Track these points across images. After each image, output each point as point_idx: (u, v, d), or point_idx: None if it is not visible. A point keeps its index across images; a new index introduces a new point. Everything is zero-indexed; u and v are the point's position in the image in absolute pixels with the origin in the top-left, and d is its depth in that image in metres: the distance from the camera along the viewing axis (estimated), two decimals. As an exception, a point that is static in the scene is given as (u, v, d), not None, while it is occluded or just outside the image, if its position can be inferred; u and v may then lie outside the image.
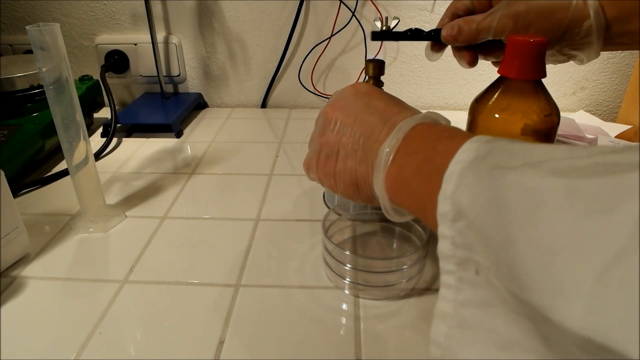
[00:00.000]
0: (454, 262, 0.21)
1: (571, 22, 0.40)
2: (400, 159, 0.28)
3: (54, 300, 0.39)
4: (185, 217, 0.51)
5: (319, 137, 0.35)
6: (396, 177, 0.28)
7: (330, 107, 0.35)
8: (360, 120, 0.32)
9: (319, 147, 0.35)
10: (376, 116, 0.32)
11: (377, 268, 0.38)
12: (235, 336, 0.35)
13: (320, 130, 0.35)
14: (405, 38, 0.47)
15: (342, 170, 0.33)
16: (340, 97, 0.35)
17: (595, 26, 0.40)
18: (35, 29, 0.39)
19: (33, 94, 0.65)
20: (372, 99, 0.33)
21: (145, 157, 0.66)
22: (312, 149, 0.37)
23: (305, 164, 0.38)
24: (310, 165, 0.37)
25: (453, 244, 0.21)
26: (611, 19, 0.40)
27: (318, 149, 0.35)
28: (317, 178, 0.36)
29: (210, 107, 0.89)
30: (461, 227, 0.21)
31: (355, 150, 0.32)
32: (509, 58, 0.38)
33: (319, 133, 0.35)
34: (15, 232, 0.42)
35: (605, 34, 0.41)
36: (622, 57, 0.80)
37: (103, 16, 0.82)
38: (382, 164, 0.29)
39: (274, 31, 0.82)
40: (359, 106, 0.33)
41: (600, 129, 0.67)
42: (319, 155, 0.35)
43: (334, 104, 0.35)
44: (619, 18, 0.40)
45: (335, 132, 0.33)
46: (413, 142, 0.28)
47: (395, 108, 0.32)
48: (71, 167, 0.46)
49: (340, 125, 0.33)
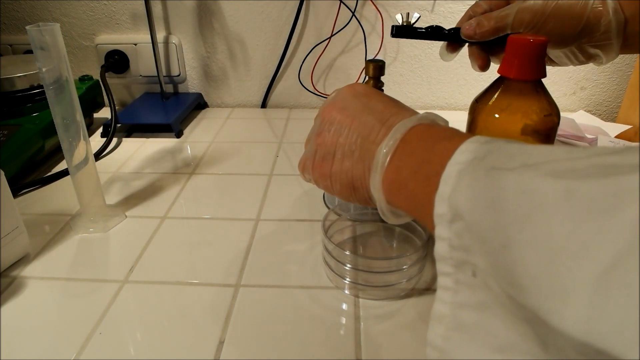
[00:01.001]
0: (451, 264, 0.21)
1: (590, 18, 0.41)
2: (397, 160, 0.28)
3: (54, 300, 0.39)
4: (185, 217, 0.51)
5: (316, 138, 0.35)
6: (393, 178, 0.28)
7: (328, 108, 0.35)
8: (358, 120, 0.32)
9: (315, 147, 0.35)
10: (374, 117, 0.31)
11: (377, 268, 0.38)
12: (235, 336, 0.35)
13: (317, 131, 0.35)
14: (425, 37, 0.46)
15: (338, 172, 0.33)
16: (338, 98, 0.35)
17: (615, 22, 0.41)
18: (35, 29, 0.39)
19: (33, 94, 0.65)
20: (371, 100, 0.33)
21: (145, 157, 0.66)
22: (308, 149, 0.36)
23: (301, 165, 0.37)
24: (305, 165, 0.36)
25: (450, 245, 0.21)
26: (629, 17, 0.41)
27: (314, 149, 0.35)
28: (313, 179, 0.36)
29: (210, 107, 0.89)
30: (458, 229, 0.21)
31: (352, 151, 0.32)
32: (509, 58, 0.38)
33: (315, 133, 0.35)
34: (15, 232, 0.42)
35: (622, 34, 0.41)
36: (622, 57, 0.80)
37: (103, 16, 0.82)
38: (379, 165, 0.29)
39: (274, 31, 0.82)
40: (357, 107, 0.33)
41: (600, 129, 0.67)
42: (315, 155, 0.35)
43: (332, 104, 0.35)
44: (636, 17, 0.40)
45: (332, 133, 0.33)
46: (410, 143, 0.28)
47: (393, 109, 0.32)
48: (71, 167, 0.46)
49: (337, 126, 0.33)
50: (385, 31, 0.80)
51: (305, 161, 0.36)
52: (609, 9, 0.40)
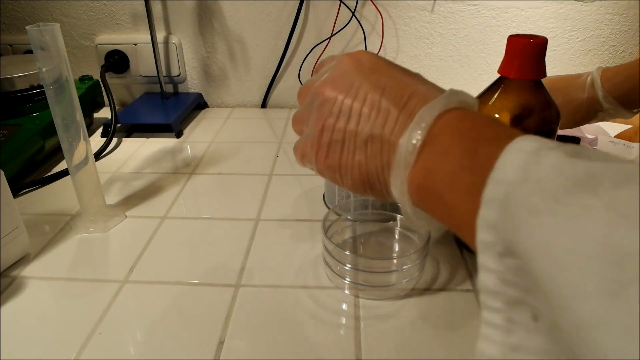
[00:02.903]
0: (501, 300, 0.18)
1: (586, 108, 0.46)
2: (426, 160, 0.24)
3: (54, 300, 0.39)
4: (185, 217, 0.51)
5: (317, 120, 0.29)
6: (423, 183, 0.24)
7: (330, 85, 0.29)
8: (370, 104, 0.27)
9: (317, 132, 0.29)
10: (388, 99, 0.27)
11: (377, 268, 0.38)
12: (235, 336, 0.35)
13: (317, 112, 0.29)
14: None
15: (349, 165, 0.28)
16: (337, 72, 0.29)
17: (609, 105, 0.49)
18: (35, 29, 0.39)
19: (33, 94, 0.65)
20: (381, 75, 0.28)
21: (145, 157, 0.66)
22: (308, 133, 0.30)
23: (299, 151, 0.32)
24: (305, 153, 0.31)
25: (501, 280, 0.18)
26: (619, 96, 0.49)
27: (316, 134, 0.29)
28: (317, 169, 0.31)
29: (210, 107, 0.89)
30: (513, 266, 0.17)
31: (364, 142, 0.27)
32: (509, 58, 0.38)
33: (316, 115, 0.29)
34: (15, 232, 0.42)
35: None
36: (622, 58, 0.80)
37: (103, 16, 0.82)
38: (401, 165, 0.25)
39: (274, 31, 0.82)
40: (366, 86, 0.28)
41: (600, 129, 0.67)
42: (318, 142, 0.29)
43: (332, 81, 0.29)
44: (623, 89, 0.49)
45: (338, 117, 0.28)
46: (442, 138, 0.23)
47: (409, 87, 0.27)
48: (71, 167, 0.46)
49: (343, 108, 0.28)
50: (385, 31, 0.80)
51: (304, 147, 0.31)
52: (599, 97, 0.45)
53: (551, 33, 0.79)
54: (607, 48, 0.80)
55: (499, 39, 0.80)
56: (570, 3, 0.76)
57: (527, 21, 0.78)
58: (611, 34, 0.79)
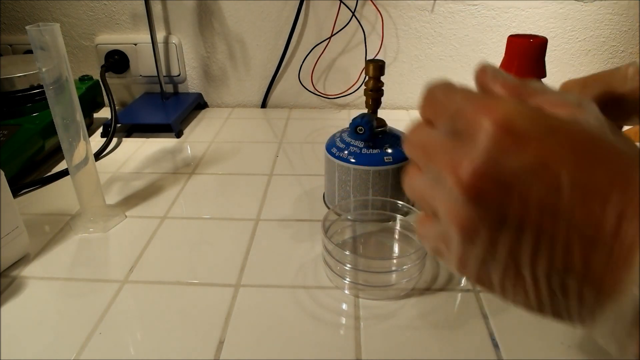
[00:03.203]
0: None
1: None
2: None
3: (53, 300, 0.39)
4: (185, 217, 0.51)
5: (489, 231, 0.20)
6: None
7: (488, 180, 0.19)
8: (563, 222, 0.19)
9: (490, 247, 0.20)
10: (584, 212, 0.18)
11: (377, 268, 0.38)
12: (235, 336, 0.35)
13: (488, 223, 0.20)
14: None
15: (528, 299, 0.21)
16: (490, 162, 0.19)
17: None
18: (35, 29, 0.39)
19: (33, 94, 0.65)
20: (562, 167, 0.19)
21: (145, 157, 0.66)
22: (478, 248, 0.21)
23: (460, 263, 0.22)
24: (481, 277, 0.22)
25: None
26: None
27: (489, 249, 0.21)
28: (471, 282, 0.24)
29: (210, 107, 0.89)
30: None
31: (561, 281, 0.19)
32: (509, 58, 0.38)
33: (488, 226, 0.20)
34: (15, 232, 0.42)
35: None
36: (622, 58, 0.80)
37: (103, 16, 0.82)
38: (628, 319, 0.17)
39: (274, 31, 0.82)
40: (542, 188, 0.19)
41: (600, 129, 0.67)
42: (496, 263, 0.21)
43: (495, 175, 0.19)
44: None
45: (518, 240, 0.20)
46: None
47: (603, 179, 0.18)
48: (71, 167, 0.46)
49: (525, 227, 0.19)
50: (385, 31, 0.80)
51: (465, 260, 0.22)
52: None
53: (551, 33, 0.79)
54: (607, 48, 0.80)
55: (499, 39, 0.80)
56: (570, 3, 0.76)
57: (527, 21, 0.78)
58: (611, 34, 0.79)
